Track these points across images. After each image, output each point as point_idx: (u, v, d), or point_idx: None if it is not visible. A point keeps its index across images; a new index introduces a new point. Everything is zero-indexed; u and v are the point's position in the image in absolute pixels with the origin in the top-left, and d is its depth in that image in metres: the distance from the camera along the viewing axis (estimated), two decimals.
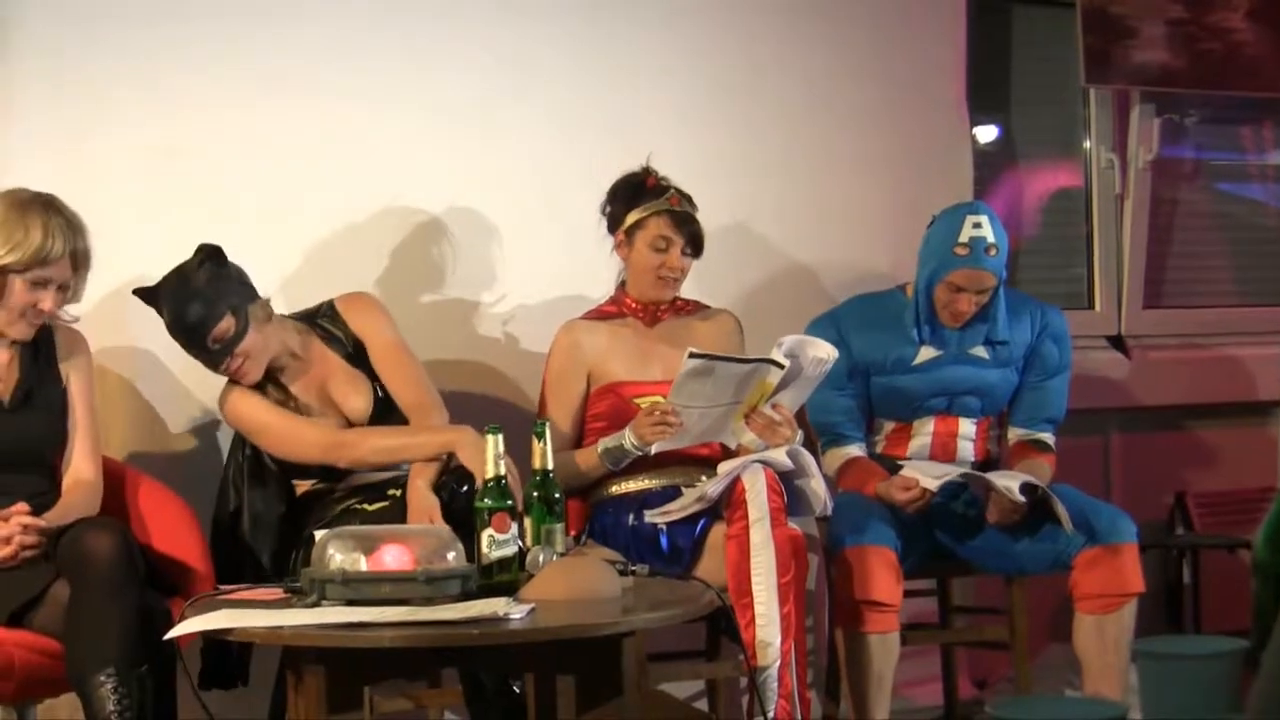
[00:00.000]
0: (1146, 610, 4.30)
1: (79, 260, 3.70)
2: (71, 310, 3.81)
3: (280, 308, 4.16)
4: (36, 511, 3.58)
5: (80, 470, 3.77)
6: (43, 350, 3.79)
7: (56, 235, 3.64)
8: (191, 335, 3.90)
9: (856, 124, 5.09)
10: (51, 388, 3.79)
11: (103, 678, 3.31)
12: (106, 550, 3.40)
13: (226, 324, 3.90)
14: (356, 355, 4.11)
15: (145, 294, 3.93)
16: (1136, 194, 5.64)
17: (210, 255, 3.91)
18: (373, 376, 4.09)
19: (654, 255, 4.18)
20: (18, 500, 3.58)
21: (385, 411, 4.07)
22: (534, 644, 3.17)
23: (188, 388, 4.30)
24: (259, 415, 4.01)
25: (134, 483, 3.93)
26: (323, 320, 4.14)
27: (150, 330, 4.02)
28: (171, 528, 3.85)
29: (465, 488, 3.87)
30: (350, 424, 4.06)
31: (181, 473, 4.16)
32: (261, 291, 4.03)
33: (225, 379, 4.03)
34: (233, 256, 3.95)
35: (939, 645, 4.74)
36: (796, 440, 3.99)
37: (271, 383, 4.04)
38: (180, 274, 3.91)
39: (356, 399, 4.07)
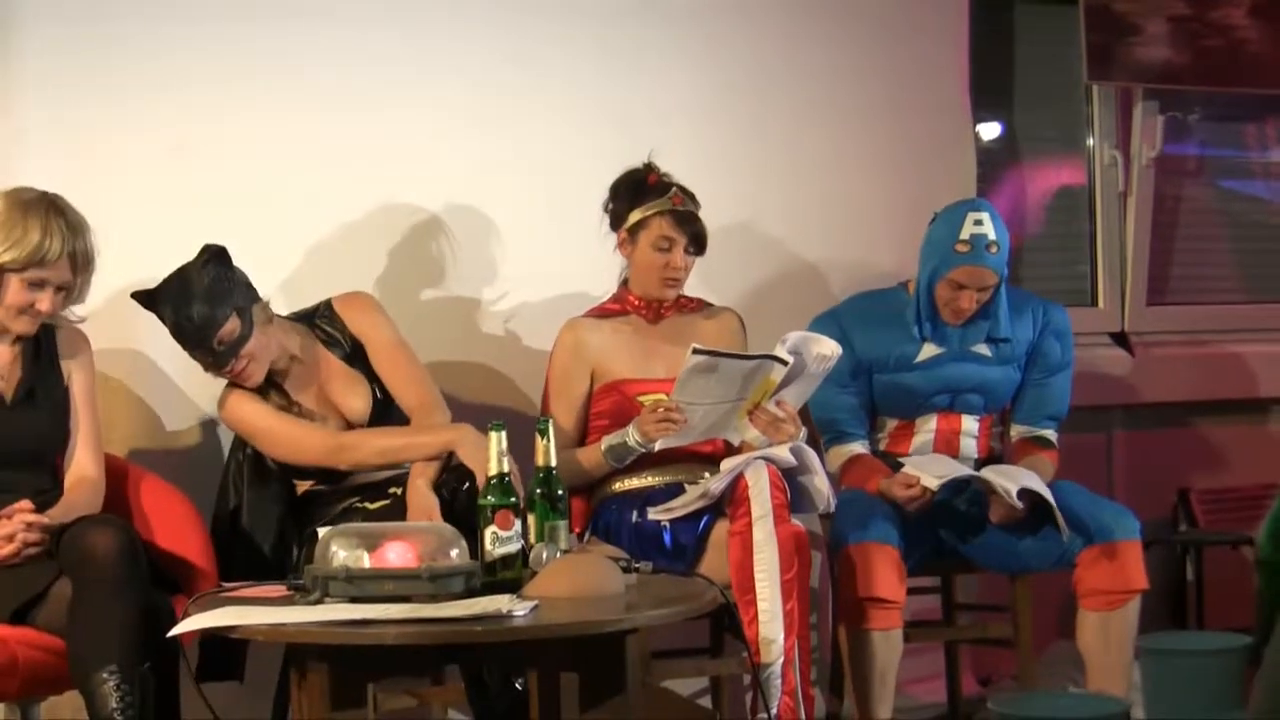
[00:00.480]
0: (1150, 607, 4.30)
1: (79, 262, 3.68)
2: (78, 310, 3.81)
3: (281, 308, 4.16)
4: (39, 509, 3.58)
5: (83, 467, 3.78)
6: (44, 348, 3.79)
7: (55, 236, 3.62)
8: (197, 336, 3.89)
9: (859, 121, 5.09)
10: (54, 386, 3.79)
11: (105, 675, 3.31)
12: (109, 547, 3.40)
13: (232, 325, 3.89)
14: (354, 356, 4.10)
15: (143, 297, 3.92)
16: (1140, 191, 5.63)
17: (215, 256, 3.91)
18: (371, 377, 4.09)
19: (657, 255, 4.18)
20: (20, 498, 3.58)
21: (384, 412, 4.06)
22: (537, 641, 3.17)
23: (189, 387, 4.29)
24: (258, 419, 4.01)
25: (136, 480, 3.93)
26: (320, 321, 4.13)
27: (152, 330, 4.02)
28: (175, 525, 3.85)
29: (466, 485, 3.87)
30: (349, 425, 4.06)
31: (182, 471, 4.15)
32: (264, 291, 4.03)
33: (224, 379, 4.03)
34: (235, 256, 3.94)
35: (942, 642, 4.74)
36: (800, 437, 3.99)
37: (274, 388, 4.04)
38: (185, 274, 3.90)
39: (355, 400, 4.06)
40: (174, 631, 3.17)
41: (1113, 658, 4.14)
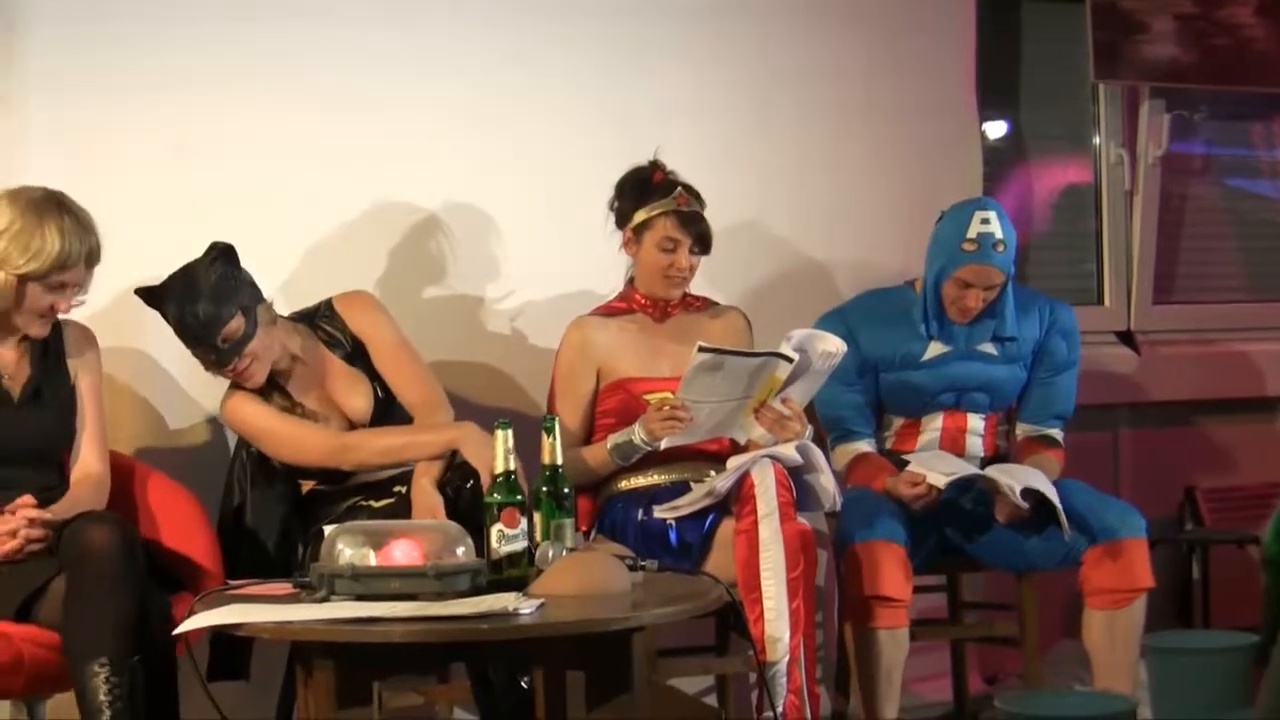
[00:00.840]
0: (1156, 606, 4.30)
1: (93, 260, 3.68)
2: (77, 298, 3.79)
3: (283, 307, 4.15)
4: (44, 506, 3.58)
5: (88, 465, 3.77)
6: (52, 346, 3.79)
7: (73, 240, 3.61)
8: (200, 334, 3.89)
9: (865, 120, 5.08)
10: (61, 384, 3.78)
11: (96, 668, 3.31)
12: (105, 542, 3.40)
13: (236, 324, 3.89)
14: (355, 355, 4.10)
15: (147, 294, 3.92)
16: (1146, 189, 5.63)
17: (222, 254, 3.90)
18: (372, 376, 4.08)
19: (661, 255, 4.17)
20: (26, 495, 3.58)
21: (386, 411, 4.06)
22: (543, 639, 3.17)
23: (193, 386, 4.29)
24: (261, 420, 4.00)
25: (144, 478, 3.93)
26: (321, 321, 4.12)
27: (156, 330, 4.01)
28: (181, 523, 3.86)
29: (470, 484, 3.87)
30: (352, 425, 4.05)
31: (187, 470, 4.15)
32: (266, 291, 4.02)
33: (226, 379, 4.02)
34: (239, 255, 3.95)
35: (948, 641, 4.74)
36: (806, 435, 3.99)
37: (276, 389, 4.03)
38: (191, 272, 3.89)
39: (357, 400, 4.06)
40: (180, 629, 3.17)
41: (1119, 656, 4.14)
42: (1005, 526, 4.22)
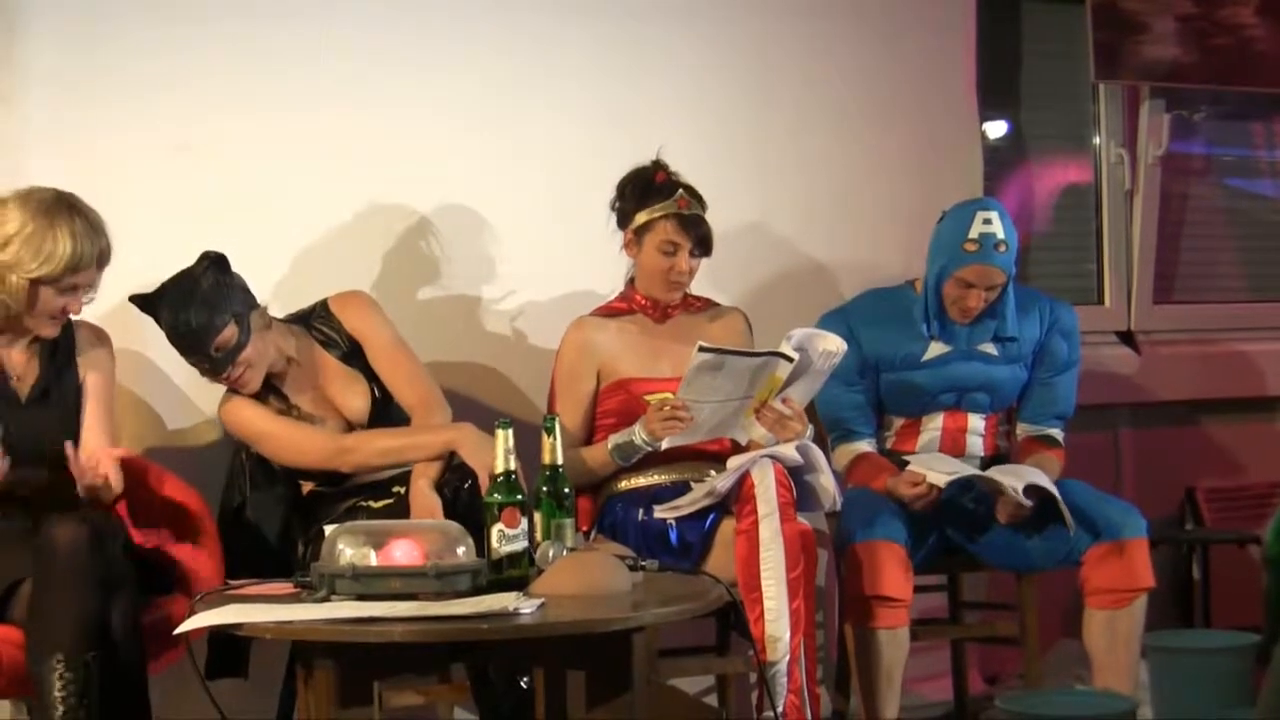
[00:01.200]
0: (1157, 605, 4.30)
1: (104, 261, 3.68)
2: (87, 297, 3.78)
3: (284, 307, 4.15)
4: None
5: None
6: (62, 346, 3.78)
7: (85, 242, 3.60)
8: (193, 342, 3.88)
9: (867, 120, 5.08)
10: (69, 384, 3.77)
11: (53, 663, 3.30)
12: (69, 539, 3.37)
13: (230, 332, 3.88)
14: (352, 355, 4.09)
15: (142, 300, 3.91)
16: (1146, 189, 5.63)
17: (214, 262, 3.89)
18: (369, 376, 4.08)
19: (662, 258, 4.17)
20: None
21: (383, 410, 4.05)
22: (544, 639, 3.17)
23: (190, 388, 4.28)
24: (258, 424, 4.00)
25: (147, 477, 3.92)
26: (317, 322, 4.11)
27: (155, 331, 4.00)
28: (185, 522, 3.85)
29: (467, 484, 3.87)
30: (350, 426, 4.05)
31: (187, 471, 4.14)
32: (267, 290, 4.01)
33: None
34: (236, 257, 3.93)
35: (949, 641, 4.74)
36: (807, 435, 3.99)
37: (273, 392, 4.03)
38: (183, 280, 3.88)
39: (355, 400, 4.05)
40: (180, 629, 3.17)
41: (1119, 656, 4.13)
42: (1006, 526, 4.22)
